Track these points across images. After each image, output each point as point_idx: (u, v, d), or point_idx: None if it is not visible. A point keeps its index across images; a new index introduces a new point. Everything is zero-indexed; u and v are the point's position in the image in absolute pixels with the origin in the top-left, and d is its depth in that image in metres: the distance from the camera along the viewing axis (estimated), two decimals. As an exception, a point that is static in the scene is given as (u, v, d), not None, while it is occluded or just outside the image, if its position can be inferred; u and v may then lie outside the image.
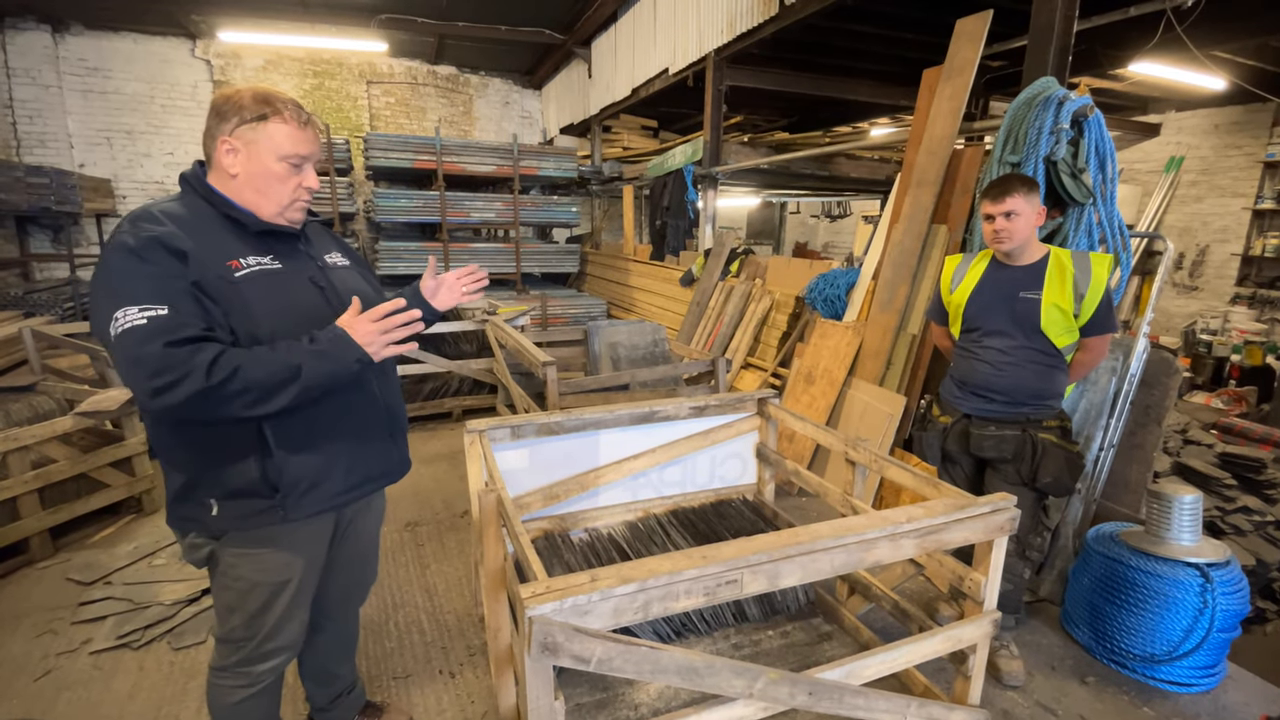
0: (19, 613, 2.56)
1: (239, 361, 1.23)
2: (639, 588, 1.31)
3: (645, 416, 2.53)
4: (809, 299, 4.43)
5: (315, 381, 1.30)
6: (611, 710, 1.95)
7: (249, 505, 1.42)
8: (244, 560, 1.47)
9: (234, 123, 1.36)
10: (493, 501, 1.73)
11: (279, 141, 1.38)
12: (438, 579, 2.84)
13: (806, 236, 14.77)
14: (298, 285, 1.45)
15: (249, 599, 1.50)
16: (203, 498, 1.40)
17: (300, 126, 1.41)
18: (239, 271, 1.35)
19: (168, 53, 8.79)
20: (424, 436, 4.75)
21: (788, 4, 4.80)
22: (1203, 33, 4.32)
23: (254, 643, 1.53)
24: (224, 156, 1.38)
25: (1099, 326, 2.20)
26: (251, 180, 1.39)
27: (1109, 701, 2.16)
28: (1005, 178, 2.22)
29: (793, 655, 2.21)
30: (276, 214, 1.43)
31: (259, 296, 1.36)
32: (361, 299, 1.49)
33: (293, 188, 1.43)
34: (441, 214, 7.20)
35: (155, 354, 1.18)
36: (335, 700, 1.92)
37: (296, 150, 1.40)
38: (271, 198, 1.41)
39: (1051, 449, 2.21)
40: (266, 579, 1.50)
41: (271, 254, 1.42)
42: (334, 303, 1.49)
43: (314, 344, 1.31)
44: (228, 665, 1.55)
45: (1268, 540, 3.21)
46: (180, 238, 1.30)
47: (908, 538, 1.59)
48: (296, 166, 1.42)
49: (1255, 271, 8.01)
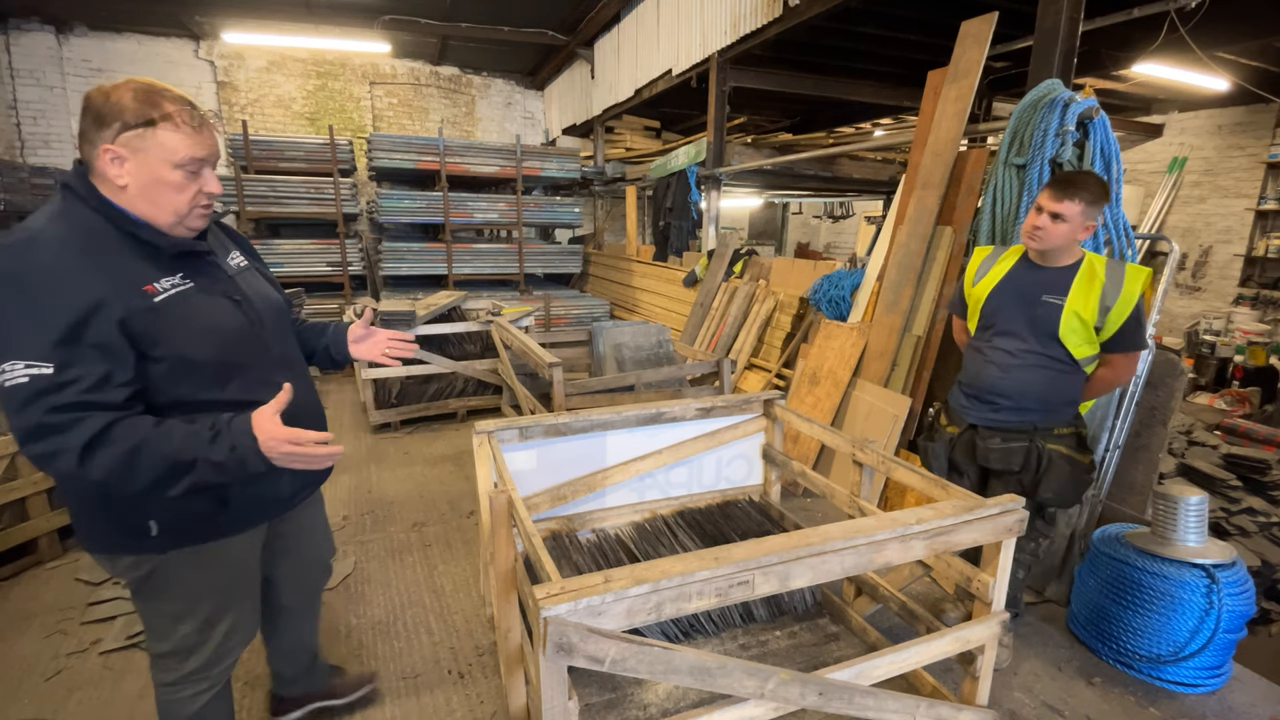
0: (29, 613, 2.57)
1: (126, 445, 1.14)
2: (652, 589, 1.31)
3: (652, 418, 2.53)
4: (813, 300, 4.44)
5: (206, 479, 1.21)
6: (621, 710, 1.96)
7: (194, 523, 1.37)
8: (197, 569, 1.42)
9: (116, 128, 1.20)
10: (504, 502, 1.74)
11: (172, 148, 1.24)
12: (445, 580, 2.85)
13: (809, 237, 14.78)
14: (215, 303, 1.35)
15: (199, 606, 1.45)
16: (138, 521, 1.32)
17: (195, 129, 1.27)
18: (157, 297, 1.24)
19: (171, 54, 8.81)
20: (429, 437, 4.76)
21: (792, 5, 4.81)
22: (1206, 34, 4.33)
23: (211, 645, 1.49)
24: (109, 166, 1.23)
25: (1123, 343, 2.07)
26: (144, 191, 1.25)
27: (1115, 702, 2.17)
28: (1077, 177, 2.04)
29: (800, 656, 2.22)
30: (174, 224, 1.30)
31: (180, 322, 1.26)
32: (270, 306, 1.49)
33: (191, 196, 1.29)
34: (445, 215, 7.22)
35: (34, 421, 1.10)
36: (306, 672, 1.98)
37: (192, 155, 1.27)
38: (166, 208, 1.27)
39: (1057, 462, 2.15)
40: (218, 585, 1.47)
41: (180, 272, 1.30)
42: (251, 316, 1.42)
43: (215, 443, 1.20)
44: (182, 676, 1.50)
45: (1273, 541, 3.22)
46: (85, 270, 1.17)
47: (917, 539, 1.59)
48: (194, 173, 1.29)
49: (1258, 272, 8.01)
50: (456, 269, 7.47)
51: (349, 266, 7.32)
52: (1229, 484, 3.56)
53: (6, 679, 2.21)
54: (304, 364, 1.68)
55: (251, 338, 1.41)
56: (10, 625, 2.50)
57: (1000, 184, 2.98)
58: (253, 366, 1.40)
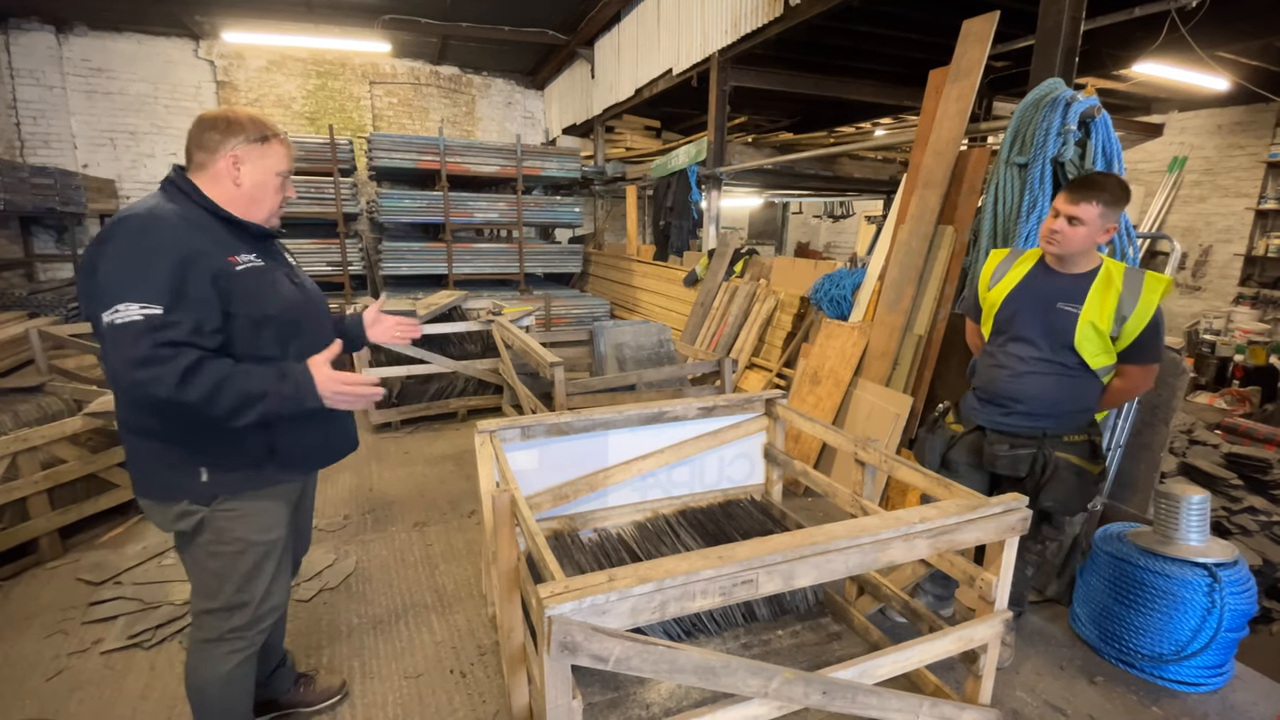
0: (30, 613, 2.57)
1: (214, 377, 1.36)
2: (656, 587, 1.31)
3: (654, 417, 2.53)
4: (814, 299, 4.44)
5: (274, 410, 1.43)
6: (624, 709, 1.96)
7: (243, 471, 1.56)
8: (239, 522, 1.57)
9: (240, 139, 1.56)
10: (506, 501, 1.74)
11: (276, 160, 1.62)
12: (446, 579, 2.85)
13: (809, 237, 14.78)
14: (280, 280, 1.63)
15: (241, 561, 1.59)
16: (192, 467, 1.51)
17: (288, 148, 1.66)
18: (238, 266, 1.51)
19: (171, 53, 8.81)
20: (430, 437, 4.75)
21: (792, 4, 4.81)
22: (1206, 33, 4.33)
23: (251, 607, 1.63)
24: (230, 168, 1.56)
25: (1140, 355, 2.01)
26: (253, 190, 1.60)
27: (1117, 701, 2.17)
28: (1095, 180, 2.00)
29: (803, 655, 2.22)
30: (266, 218, 1.66)
31: (258, 287, 1.54)
32: (318, 291, 1.78)
33: (281, 198, 1.67)
34: (445, 214, 7.21)
35: (144, 352, 1.32)
36: (273, 674, 2.01)
37: (288, 168, 1.66)
38: (265, 205, 1.64)
39: (1063, 470, 2.10)
40: (261, 538, 1.61)
41: (255, 253, 1.59)
42: (307, 294, 1.71)
43: (283, 380, 1.44)
44: (222, 634, 1.62)
45: (1274, 540, 3.22)
46: (192, 236, 1.45)
47: (921, 538, 1.59)
48: (284, 180, 1.66)
49: (1258, 272, 8.02)
50: (457, 269, 7.46)
51: (349, 266, 7.32)
52: (1230, 483, 3.56)
53: (8, 679, 2.21)
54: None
55: (309, 311, 1.68)
56: (11, 625, 2.49)
57: (1002, 183, 2.98)
58: (309, 334, 1.65)
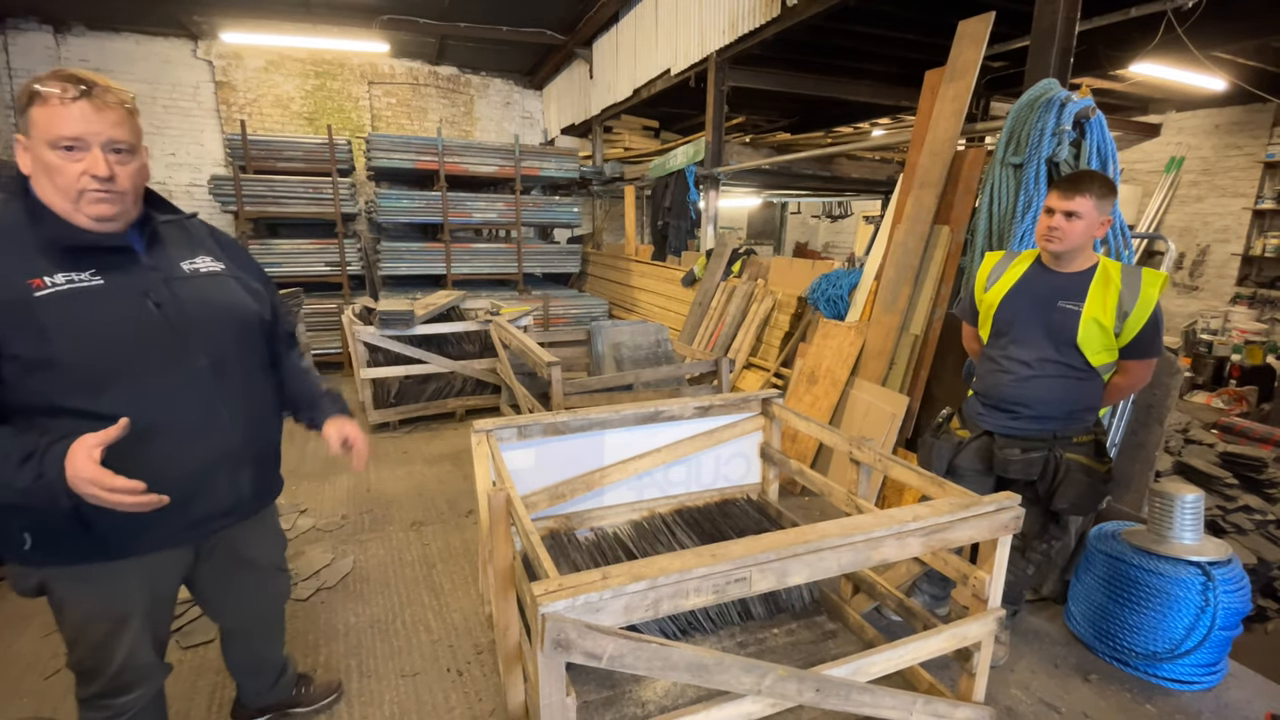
0: (27, 612, 2.57)
1: None
2: (650, 585, 1.32)
3: (650, 416, 2.54)
4: (811, 299, 4.45)
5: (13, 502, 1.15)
6: (619, 707, 1.97)
7: (66, 542, 1.28)
8: (74, 594, 1.34)
9: (20, 117, 1.18)
10: (502, 500, 1.75)
11: (44, 126, 1.17)
12: (444, 578, 2.86)
13: (807, 237, 14.79)
14: (125, 304, 1.25)
15: (88, 632, 1.37)
16: (13, 530, 1.26)
17: (63, 103, 1.15)
18: (40, 291, 1.17)
19: (169, 53, 8.80)
20: (427, 436, 4.76)
21: (790, 5, 4.82)
22: (1203, 33, 4.34)
23: (106, 676, 1.40)
24: (19, 156, 1.22)
25: (1141, 350, 2.04)
26: (37, 177, 1.21)
27: (1111, 699, 2.18)
28: (1083, 175, 2.04)
29: (798, 653, 2.22)
30: (72, 210, 1.23)
31: (64, 319, 1.18)
32: (220, 314, 1.37)
33: (74, 177, 1.19)
34: (443, 214, 7.21)
35: None
36: (271, 686, 1.96)
37: (61, 132, 1.16)
38: (58, 192, 1.21)
39: (1075, 472, 2.11)
40: (102, 614, 1.36)
41: (94, 268, 1.23)
42: (175, 321, 1.31)
43: (22, 465, 1.12)
44: (89, 697, 1.44)
45: (1269, 539, 3.23)
46: None
47: (914, 536, 1.60)
48: (69, 149, 1.18)
49: (1255, 271, 8.03)
50: (455, 269, 7.47)
51: (347, 266, 7.32)
52: (1225, 482, 3.58)
53: (6, 677, 2.22)
54: (261, 387, 1.54)
55: (161, 345, 1.28)
56: (9, 624, 2.50)
57: (997, 183, 2.99)
58: (148, 376, 1.27)
